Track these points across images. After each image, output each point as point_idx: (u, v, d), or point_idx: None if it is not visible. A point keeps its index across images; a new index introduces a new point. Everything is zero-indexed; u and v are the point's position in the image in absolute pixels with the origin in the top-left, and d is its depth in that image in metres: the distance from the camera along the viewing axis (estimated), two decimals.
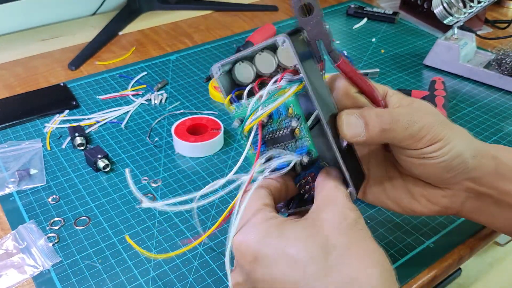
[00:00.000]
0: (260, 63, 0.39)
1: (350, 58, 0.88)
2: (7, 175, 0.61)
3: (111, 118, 0.72)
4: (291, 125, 0.38)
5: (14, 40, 0.95)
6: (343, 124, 0.39)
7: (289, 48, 0.36)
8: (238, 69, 0.40)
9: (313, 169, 0.41)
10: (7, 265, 0.50)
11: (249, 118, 0.38)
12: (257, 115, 0.37)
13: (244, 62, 0.40)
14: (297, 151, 0.39)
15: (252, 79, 0.40)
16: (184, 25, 1.02)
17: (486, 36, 0.96)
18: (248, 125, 0.38)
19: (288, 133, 0.39)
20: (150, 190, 0.60)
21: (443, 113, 0.70)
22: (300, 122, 0.38)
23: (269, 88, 0.37)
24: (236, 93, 0.40)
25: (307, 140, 0.39)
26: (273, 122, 0.39)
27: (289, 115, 0.38)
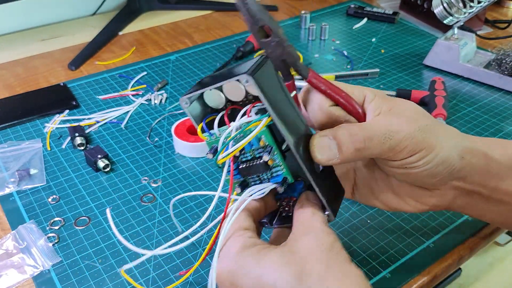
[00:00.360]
0: (228, 92, 0.38)
1: (350, 58, 0.88)
2: (7, 175, 0.61)
3: (111, 118, 0.72)
4: (263, 159, 0.37)
5: (14, 40, 0.95)
6: (315, 149, 0.38)
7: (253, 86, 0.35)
8: (208, 95, 0.39)
9: (293, 192, 0.41)
10: (7, 265, 0.50)
11: (221, 152, 0.38)
12: (229, 150, 0.37)
13: (213, 89, 0.38)
14: (272, 180, 0.39)
15: (224, 105, 0.39)
16: (184, 25, 1.02)
17: (486, 36, 0.96)
18: (220, 159, 0.38)
19: (262, 164, 0.38)
20: (150, 190, 0.60)
21: (443, 113, 0.70)
22: (273, 152, 0.38)
23: (238, 123, 0.37)
24: (209, 119, 0.40)
25: (282, 169, 0.39)
26: (246, 152, 0.39)
27: (261, 147, 0.38)
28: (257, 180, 0.40)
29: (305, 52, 0.91)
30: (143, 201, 0.58)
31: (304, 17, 0.99)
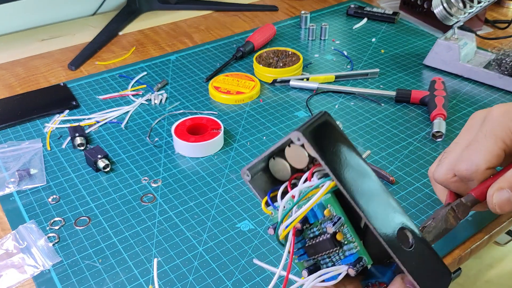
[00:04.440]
0: (291, 158, 0.34)
1: (350, 58, 0.88)
2: (7, 175, 0.61)
3: (111, 118, 0.72)
4: (327, 231, 0.31)
5: (14, 40, 0.95)
6: (496, 207, 0.37)
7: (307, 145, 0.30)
8: (273, 165, 0.35)
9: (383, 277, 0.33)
10: (7, 265, 0.50)
11: (283, 223, 0.32)
12: (289, 220, 0.32)
13: (277, 157, 0.34)
14: (345, 260, 0.32)
15: (291, 174, 0.35)
16: (184, 25, 1.02)
17: (486, 36, 0.96)
18: (282, 231, 0.32)
19: (328, 239, 0.32)
20: (150, 190, 0.60)
21: (443, 113, 0.70)
22: (342, 223, 0.31)
23: (298, 189, 0.32)
24: (274, 193, 0.35)
25: (355, 246, 0.32)
26: (312, 226, 0.33)
27: (328, 217, 0.32)
28: (328, 262, 0.33)
29: (305, 52, 0.91)
30: (143, 201, 0.58)
31: (304, 17, 0.99)
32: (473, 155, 0.41)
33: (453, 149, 0.44)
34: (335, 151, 0.31)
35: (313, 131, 0.30)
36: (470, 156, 0.41)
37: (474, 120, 0.45)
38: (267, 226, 0.54)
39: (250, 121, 0.72)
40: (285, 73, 0.81)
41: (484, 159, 0.40)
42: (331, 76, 0.81)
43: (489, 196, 0.38)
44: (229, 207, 0.57)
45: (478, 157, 0.40)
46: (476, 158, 0.40)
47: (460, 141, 0.44)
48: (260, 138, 0.69)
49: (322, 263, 0.34)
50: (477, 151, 0.41)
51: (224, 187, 0.60)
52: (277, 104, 0.77)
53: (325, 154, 0.30)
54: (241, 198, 0.59)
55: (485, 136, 0.41)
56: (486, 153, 0.40)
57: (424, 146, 0.67)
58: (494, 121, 0.42)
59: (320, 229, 0.33)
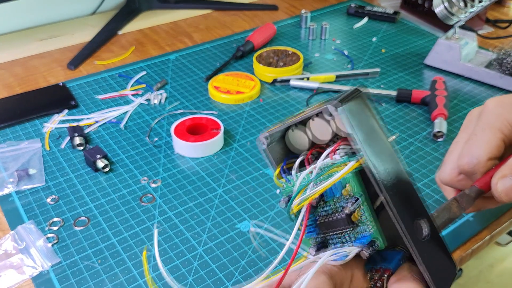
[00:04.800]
0: (313, 130, 0.33)
1: (351, 58, 0.88)
2: (6, 175, 0.61)
3: (110, 118, 0.72)
4: (346, 209, 0.31)
5: (13, 40, 0.95)
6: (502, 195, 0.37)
7: (341, 120, 0.29)
8: (291, 136, 0.34)
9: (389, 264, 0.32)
10: (6, 265, 0.50)
11: (297, 197, 0.31)
12: (305, 196, 0.31)
13: (296, 128, 0.33)
14: (356, 241, 0.32)
15: (308, 147, 0.34)
16: (183, 25, 1.02)
17: (487, 36, 0.95)
18: (295, 206, 0.31)
19: (343, 219, 0.31)
20: (149, 190, 0.59)
21: (444, 112, 0.70)
22: (360, 204, 0.31)
23: (320, 163, 0.31)
24: (288, 164, 0.34)
25: (370, 228, 0.31)
26: (327, 202, 0.32)
27: (345, 197, 0.31)
28: (337, 242, 0.33)
29: (305, 51, 0.91)
30: (143, 202, 0.58)
31: (304, 16, 0.99)
32: (473, 148, 0.41)
33: (454, 149, 0.45)
34: (367, 131, 0.30)
35: (349, 106, 0.29)
36: (470, 150, 0.41)
37: (470, 117, 0.45)
38: (267, 226, 0.53)
39: (250, 121, 0.72)
40: (285, 73, 0.81)
41: (484, 151, 0.40)
42: (331, 75, 0.81)
43: (494, 185, 0.38)
44: (229, 207, 0.57)
45: (478, 150, 0.41)
46: (476, 151, 0.41)
47: (460, 139, 0.45)
48: None
49: (330, 242, 0.33)
50: (476, 144, 0.41)
51: (224, 187, 0.60)
52: (277, 104, 0.76)
53: (359, 132, 0.29)
54: (241, 199, 0.58)
55: (483, 129, 0.42)
56: (485, 144, 0.41)
57: (425, 146, 0.66)
58: (490, 113, 0.42)
59: (334, 207, 0.32)
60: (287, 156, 0.35)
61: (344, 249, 0.31)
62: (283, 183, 0.34)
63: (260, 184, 0.60)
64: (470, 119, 0.45)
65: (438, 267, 0.32)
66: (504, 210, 0.57)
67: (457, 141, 0.45)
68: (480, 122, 0.42)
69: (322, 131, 0.32)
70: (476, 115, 0.44)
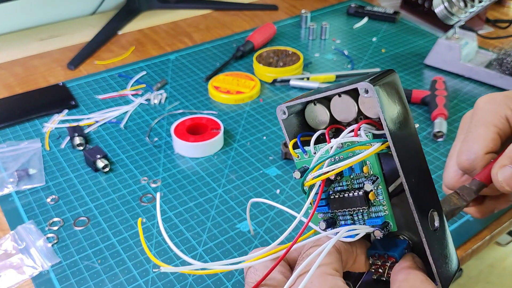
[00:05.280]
0: (337, 107, 0.32)
1: (351, 58, 0.88)
2: (6, 175, 0.61)
3: (110, 118, 0.72)
4: (364, 188, 0.30)
5: (13, 40, 0.95)
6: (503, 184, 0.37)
7: (374, 100, 0.29)
8: (312, 110, 0.34)
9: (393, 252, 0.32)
10: (6, 265, 0.50)
11: (313, 171, 0.31)
12: (324, 170, 0.30)
13: (318, 104, 0.33)
14: (369, 221, 0.31)
15: (327, 125, 0.34)
16: (183, 25, 1.02)
17: (487, 36, 0.95)
18: (310, 179, 0.31)
19: (360, 197, 0.31)
20: (149, 190, 0.59)
21: (444, 112, 0.70)
22: (377, 185, 0.30)
23: (342, 140, 0.31)
24: (304, 138, 0.34)
25: (384, 209, 0.31)
26: (342, 179, 0.32)
27: (364, 175, 0.31)
28: (348, 219, 0.32)
29: (305, 51, 0.91)
30: (143, 202, 0.58)
31: (304, 16, 0.99)
32: (469, 145, 0.42)
33: (453, 152, 0.45)
34: (396, 115, 0.29)
35: (383, 87, 0.29)
36: (467, 147, 0.42)
37: (465, 120, 0.47)
38: (267, 226, 0.53)
39: (250, 121, 0.72)
40: (285, 73, 0.81)
41: (480, 145, 0.41)
42: (331, 75, 0.81)
43: (494, 176, 0.38)
44: (229, 207, 0.57)
45: (474, 145, 0.41)
46: (472, 146, 0.41)
47: (457, 142, 0.45)
48: (260, 138, 0.69)
49: (341, 219, 0.32)
50: (472, 140, 0.42)
51: (224, 187, 0.60)
52: (277, 104, 0.76)
53: (388, 115, 0.29)
54: (241, 199, 0.58)
55: (476, 126, 0.42)
56: (481, 139, 0.41)
57: (425, 146, 0.66)
58: (481, 110, 0.43)
59: (350, 184, 0.32)
60: (302, 131, 0.34)
61: (358, 227, 0.31)
62: (299, 154, 0.33)
63: (260, 184, 0.60)
64: (465, 121, 0.46)
65: (444, 260, 0.32)
66: (504, 210, 0.57)
67: (455, 144, 0.46)
68: (473, 120, 0.43)
69: (346, 109, 0.32)
70: (469, 116, 0.45)
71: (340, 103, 0.32)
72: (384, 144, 0.30)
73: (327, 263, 0.29)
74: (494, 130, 0.41)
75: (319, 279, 0.28)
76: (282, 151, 0.64)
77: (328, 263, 0.29)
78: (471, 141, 0.42)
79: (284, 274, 0.31)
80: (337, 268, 0.30)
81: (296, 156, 0.34)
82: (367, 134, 0.30)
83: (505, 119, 0.42)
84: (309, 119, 0.34)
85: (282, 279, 0.30)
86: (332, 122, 0.33)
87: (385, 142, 0.30)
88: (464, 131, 0.44)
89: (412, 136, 0.31)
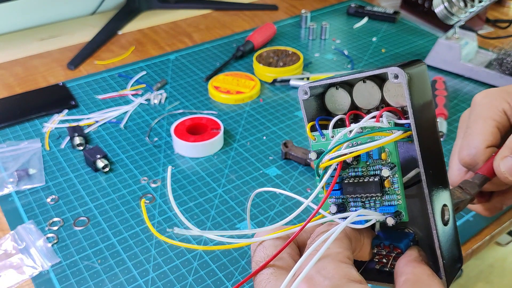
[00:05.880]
0: (359, 93, 0.32)
1: (351, 58, 0.88)
2: (6, 175, 0.61)
3: (110, 118, 0.72)
4: (382, 174, 0.30)
5: (13, 40, 0.95)
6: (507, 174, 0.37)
7: (402, 87, 0.29)
8: (333, 94, 0.34)
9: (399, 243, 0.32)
10: (6, 265, 0.50)
11: (330, 152, 0.30)
12: (342, 152, 0.30)
13: (340, 88, 0.33)
14: (382, 209, 0.31)
15: (346, 111, 0.33)
16: (183, 25, 1.02)
17: (487, 36, 0.95)
18: (326, 160, 0.30)
19: (375, 183, 0.30)
20: (149, 190, 0.59)
21: (444, 112, 0.70)
22: (394, 173, 0.30)
23: (363, 124, 0.30)
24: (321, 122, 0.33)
25: (398, 198, 0.31)
26: (358, 165, 0.32)
27: (381, 162, 0.31)
28: (359, 206, 0.32)
29: (305, 51, 0.91)
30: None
31: (304, 16, 0.99)
32: (469, 140, 0.42)
33: (455, 151, 0.45)
34: (422, 105, 0.29)
35: (413, 75, 0.28)
36: (467, 142, 0.42)
37: (463, 118, 0.47)
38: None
39: (250, 121, 0.72)
40: (285, 73, 0.81)
41: (479, 139, 0.41)
42: (331, 75, 0.81)
43: (496, 167, 0.38)
44: (229, 207, 0.57)
45: (474, 140, 0.42)
46: (472, 141, 0.42)
47: (458, 141, 0.45)
48: (260, 138, 0.69)
49: (352, 205, 0.32)
50: (471, 135, 0.42)
51: (224, 187, 0.60)
52: (277, 104, 0.76)
53: (414, 104, 0.28)
54: (241, 199, 0.58)
55: (474, 121, 0.42)
56: (479, 133, 0.41)
57: None
58: (478, 105, 0.43)
59: (366, 171, 0.31)
60: (320, 115, 0.34)
61: (370, 212, 0.31)
62: (316, 137, 0.33)
63: (260, 184, 0.60)
64: (463, 119, 0.46)
65: (450, 255, 0.32)
66: (504, 210, 0.57)
67: (456, 143, 0.46)
68: (471, 116, 0.43)
69: (369, 96, 0.32)
70: (467, 114, 0.45)
71: (364, 89, 0.32)
72: (406, 133, 0.29)
73: (340, 250, 0.29)
74: (492, 124, 0.41)
75: (333, 266, 0.27)
76: (282, 151, 0.64)
77: (340, 250, 0.29)
78: (470, 136, 0.42)
79: (292, 256, 0.31)
80: (349, 256, 0.29)
81: (313, 138, 0.33)
82: (389, 121, 0.30)
83: (503, 113, 0.42)
84: (328, 103, 0.34)
85: (291, 261, 0.30)
86: (351, 108, 0.33)
87: (407, 131, 0.29)
88: (463, 129, 0.44)
89: (434, 128, 0.31)
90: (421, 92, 0.29)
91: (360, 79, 0.32)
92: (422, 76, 0.30)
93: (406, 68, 0.28)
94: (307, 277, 0.27)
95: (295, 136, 0.69)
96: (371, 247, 0.32)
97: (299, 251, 0.32)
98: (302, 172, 0.63)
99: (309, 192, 0.59)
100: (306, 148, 0.65)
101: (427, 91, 0.30)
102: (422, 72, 0.30)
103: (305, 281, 0.27)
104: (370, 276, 0.33)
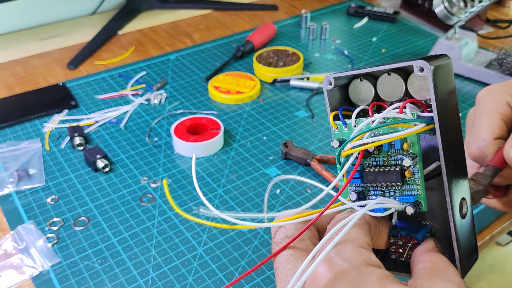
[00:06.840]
0: (384, 86, 0.33)
1: (351, 58, 0.88)
2: (6, 175, 0.61)
3: (110, 118, 0.72)
4: (403, 164, 0.30)
5: (13, 40, 0.95)
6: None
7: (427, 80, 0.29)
8: (356, 86, 0.34)
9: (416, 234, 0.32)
10: (6, 265, 0.50)
11: (352, 141, 0.31)
12: (364, 141, 0.30)
13: (365, 80, 0.33)
14: (401, 198, 0.31)
15: (369, 102, 0.34)
16: (183, 25, 1.02)
17: (487, 36, 0.95)
18: (348, 149, 0.31)
19: (396, 172, 0.31)
20: (149, 190, 0.59)
21: None
22: (415, 163, 0.30)
23: (386, 114, 0.31)
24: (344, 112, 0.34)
25: (418, 188, 0.31)
26: (379, 154, 0.32)
27: (403, 152, 0.31)
28: (379, 195, 0.33)
29: (306, 51, 0.91)
30: (143, 202, 0.58)
31: (304, 16, 0.99)
32: (476, 134, 0.42)
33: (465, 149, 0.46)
34: (446, 98, 0.30)
35: (438, 68, 0.29)
36: (475, 136, 0.43)
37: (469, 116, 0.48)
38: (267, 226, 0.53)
39: (250, 121, 0.72)
40: (285, 73, 0.81)
41: (487, 132, 0.42)
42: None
43: (507, 156, 0.38)
44: (229, 207, 0.57)
45: (481, 133, 0.42)
46: (480, 134, 0.42)
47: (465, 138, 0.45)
48: (260, 138, 0.69)
49: (372, 193, 0.33)
50: (478, 129, 0.42)
51: (224, 187, 0.60)
52: (277, 104, 0.76)
53: (438, 97, 0.29)
54: (241, 199, 0.58)
55: (480, 116, 0.43)
56: (486, 126, 0.42)
57: None
58: (482, 100, 0.43)
59: (387, 161, 0.32)
60: (342, 105, 0.35)
61: (389, 201, 0.31)
62: (338, 126, 0.34)
63: (260, 184, 0.60)
64: (469, 118, 0.47)
65: (467, 248, 0.32)
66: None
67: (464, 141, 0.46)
68: (476, 112, 0.44)
69: (393, 88, 0.32)
70: (472, 111, 0.46)
71: (388, 81, 0.32)
72: (429, 126, 0.30)
73: (359, 236, 0.29)
74: (498, 117, 0.42)
75: (353, 250, 0.28)
76: (282, 151, 0.64)
77: (360, 236, 0.29)
78: (477, 130, 0.42)
79: (312, 240, 0.31)
80: (368, 242, 0.29)
81: (336, 127, 0.34)
82: (412, 113, 0.30)
83: (507, 105, 0.42)
84: (352, 94, 0.35)
85: (311, 244, 0.30)
86: (374, 99, 0.34)
87: (430, 124, 0.30)
88: (470, 125, 0.45)
89: (456, 123, 0.31)
90: (445, 86, 0.30)
91: (385, 72, 0.32)
92: (447, 70, 0.30)
93: (432, 62, 0.29)
94: (326, 258, 0.27)
95: (295, 136, 0.69)
96: (388, 237, 0.33)
97: (318, 235, 0.32)
98: (302, 172, 0.63)
99: (309, 192, 0.59)
100: (306, 148, 0.65)
101: (451, 85, 0.31)
102: (447, 66, 0.30)
103: (325, 262, 0.27)
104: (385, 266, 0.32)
